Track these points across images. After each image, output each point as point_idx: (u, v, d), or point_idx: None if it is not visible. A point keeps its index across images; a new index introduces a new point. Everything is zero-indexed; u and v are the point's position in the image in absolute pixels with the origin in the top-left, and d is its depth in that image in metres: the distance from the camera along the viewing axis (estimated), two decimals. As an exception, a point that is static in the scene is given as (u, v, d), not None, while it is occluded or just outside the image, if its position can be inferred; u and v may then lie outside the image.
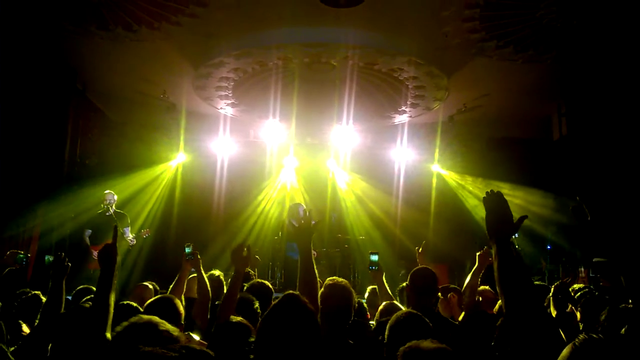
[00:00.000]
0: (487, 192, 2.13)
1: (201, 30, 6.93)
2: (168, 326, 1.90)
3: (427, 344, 1.99)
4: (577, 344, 1.43)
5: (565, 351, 1.45)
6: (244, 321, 2.70)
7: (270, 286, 3.91)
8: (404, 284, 4.43)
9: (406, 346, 2.02)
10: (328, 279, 3.13)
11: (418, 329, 2.63)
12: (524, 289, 1.91)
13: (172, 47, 7.45)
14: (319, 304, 2.94)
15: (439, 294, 4.37)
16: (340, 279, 3.14)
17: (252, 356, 2.31)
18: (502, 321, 2.94)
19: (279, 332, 2.04)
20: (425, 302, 3.52)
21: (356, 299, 3.27)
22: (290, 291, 2.25)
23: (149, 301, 3.13)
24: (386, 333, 2.72)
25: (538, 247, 9.66)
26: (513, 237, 2.07)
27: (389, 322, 2.81)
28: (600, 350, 1.39)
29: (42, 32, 6.98)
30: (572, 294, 4.60)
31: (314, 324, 2.12)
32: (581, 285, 5.38)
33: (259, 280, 3.98)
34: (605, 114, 8.14)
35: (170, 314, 2.83)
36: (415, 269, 3.88)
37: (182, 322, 3.03)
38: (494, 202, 2.08)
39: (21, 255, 5.23)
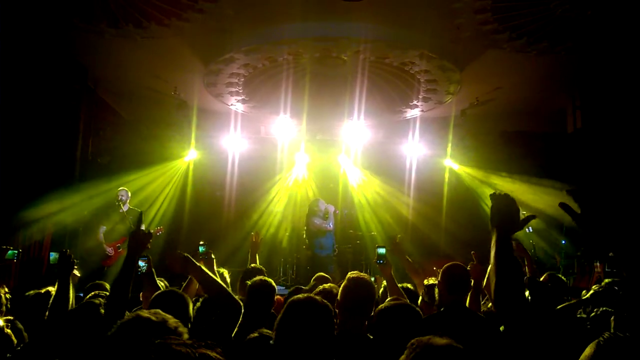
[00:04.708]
0: (493, 193, 2.09)
1: (211, 26, 6.92)
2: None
3: (439, 340, 1.91)
4: (601, 342, 1.39)
5: (588, 350, 1.41)
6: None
7: (273, 283, 3.86)
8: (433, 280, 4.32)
9: (417, 340, 1.94)
10: (350, 272, 3.06)
11: (406, 318, 2.59)
12: (519, 288, 1.91)
13: (182, 44, 7.45)
14: (339, 297, 2.92)
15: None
16: (363, 274, 3.08)
17: None
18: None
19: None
20: (458, 298, 3.42)
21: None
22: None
23: (156, 292, 3.13)
24: (374, 319, 2.70)
25: (552, 242, 9.55)
26: (526, 231, 2.03)
27: (378, 307, 2.81)
28: (625, 349, 1.34)
29: (52, 29, 7.00)
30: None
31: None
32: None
33: (262, 277, 3.93)
34: (621, 106, 8.00)
35: (179, 308, 2.82)
36: (447, 265, 3.65)
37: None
38: (501, 204, 2.03)
39: (12, 252, 5.06)
